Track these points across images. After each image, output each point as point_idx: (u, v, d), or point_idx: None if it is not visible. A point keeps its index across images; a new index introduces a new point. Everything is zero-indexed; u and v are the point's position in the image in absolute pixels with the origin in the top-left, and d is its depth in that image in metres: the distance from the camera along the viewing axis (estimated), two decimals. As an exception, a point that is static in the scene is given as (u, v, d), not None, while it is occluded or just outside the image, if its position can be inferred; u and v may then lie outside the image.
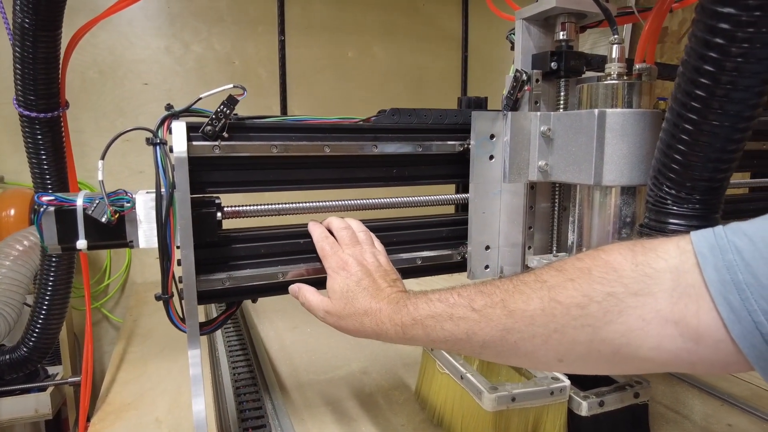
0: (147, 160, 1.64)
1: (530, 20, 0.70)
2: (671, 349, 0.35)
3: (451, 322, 0.45)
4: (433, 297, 0.48)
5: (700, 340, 0.34)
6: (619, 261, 0.37)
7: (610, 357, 0.38)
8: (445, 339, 0.46)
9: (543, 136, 0.67)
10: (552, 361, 0.41)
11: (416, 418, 0.75)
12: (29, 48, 0.71)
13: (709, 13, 0.40)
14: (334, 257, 0.59)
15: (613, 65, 0.60)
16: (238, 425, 0.74)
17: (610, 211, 0.61)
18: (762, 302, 0.31)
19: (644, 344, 0.36)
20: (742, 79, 0.40)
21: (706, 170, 0.47)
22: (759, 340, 0.31)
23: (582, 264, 0.39)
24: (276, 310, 1.23)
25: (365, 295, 0.54)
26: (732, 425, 0.73)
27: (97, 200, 0.52)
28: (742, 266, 0.32)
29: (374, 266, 0.59)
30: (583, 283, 0.38)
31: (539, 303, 0.40)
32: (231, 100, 0.55)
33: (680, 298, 0.34)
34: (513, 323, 0.41)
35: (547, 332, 0.39)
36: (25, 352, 0.95)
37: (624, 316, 0.36)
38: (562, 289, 0.39)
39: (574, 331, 0.38)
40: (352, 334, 0.55)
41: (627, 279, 0.36)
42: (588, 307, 0.37)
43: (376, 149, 0.65)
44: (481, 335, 0.43)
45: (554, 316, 0.39)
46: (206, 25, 1.67)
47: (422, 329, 0.47)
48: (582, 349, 0.39)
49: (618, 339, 0.37)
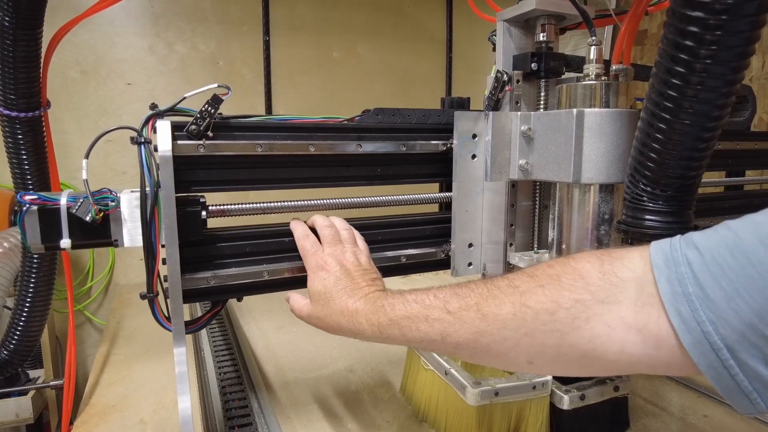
0: (130, 161, 1.64)
1: (511, 22, 0.71)
2: (634, 354, 0.37)
3: (426, 324, 0.46)
4: (409, 298, 0.49)
5: (659, 347, 0.35)
6: (587, 269, 0.39)
7: (577, 360, 0.40)
8: (421, 339, 0.47)
9: (524, 135, 0.68)
10: (523, 363, 0.43)
11: (401, 414, 0.76)
12: (9, 47, 0.71)
13: (680, 16, 0.41)
14: (314, 257, 0.60)
15: (591, 66, 0.62)
16: (224, 424, 0.74)
17: (588, 208, 0.62)
18: (709, 313, 0.32)
19: (609, 349, 0.38)
20: (710, 80, 0.42)
21: (679, 168, 0.48)
22: (707, 348, 0.33)
23: (552, 271, 0.41)
24: (261, 310, 1.23)
25: (342, 295, 0.55)
26: (708, 416, 0.75)
27: (81, 199, 0.52)
28: (692, 279, 0.34)
29: (354, 266, 0.59)
30: (552, 290, 0.40)
31: (511, 308, 0.41)
32: (216, 99, 0.55)
33: (643, 307, 0.36)
34: (486, 326, 0.42)
35: (517, 336, 0.41)
36: (5, 355, 0.94)
37: (591, 322, 0.38)
38: (532, 294, 0.41)
39: (543, 336, 0.40)
40: (331, 332, 0.56)
41: (594, 287, 0.38)
42: (557, 312, 0.39)
43: (360, 148, 0.66)
44: (455, 337, 0.44)
45: (525, 320, 0.40)
46: (190, 24, 1.66)
47: (398, 329, 0.48)
48: (551, 352, 0.40)
49: (585, 344, 0.38)
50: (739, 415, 0.75)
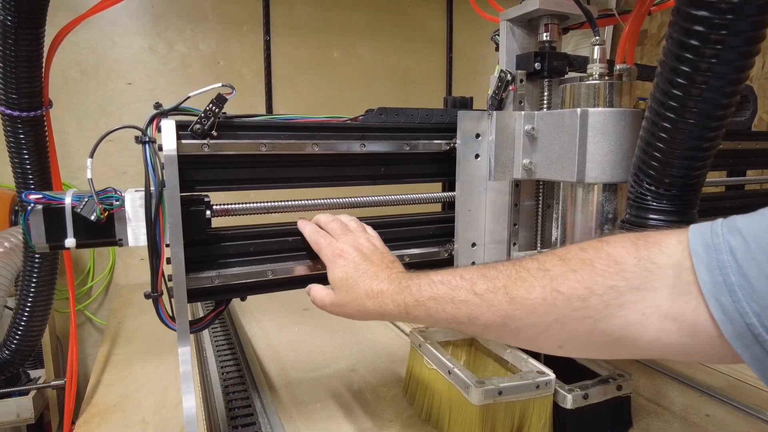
0: (130, 160, 1.64)
1: (514, 21, 0.71)
2: (669, 342, 0.36)
3: (453, 305, 0.45)
4: (435, 278, 0.48)
5: (696, 336, 0.34)
6: (621, 254, 0.37)
7: (609, 346, 0.39)
8: (448, 320, 0.46)
9: (527, 135, 0.68)
10: (552, 348, 0.42)
11: (404, 413, 0.76)
12: (11, 46, 0.71)
13: (685, 15, 0.41)
14: (329, 248, 0.59)
15: (594, 66, 0.62)
16: (228, 423, 0.74)
17: (592, 207, 0.62)
18: (753, 305, 0.31)
19: (643, 337, 0.36)
20: (715, 80, 0.42)
21: (683, 167, 0.48)
22: (752, 341, 0.31)
23: (585, 255, 0.39)
24: (263, 310, 1.23)
25: (365, 278, 0.54)
26: (710, 415, 0.75)
27: (86, 198, 0.52)
28: (735, 268, 0.32)
29: (370, 250, 0.59)
30: (585, 275, 0.38)
31: (541, 292, 0.40)
32: (220, 98, 0.55)
33: (680, 295, 0.35)
34: (514, 310, 0.41)
35: (547, 321, 0.40)
36: (6, 355, 0.93)
37: (624, 309, 0.37)
38: (564, 279, 0.39)
39: (574, 323, 0.39)
40: (355, 317, 0.55)
41: (629, 273, 0.37)
42: (589, 299, 0.38)
43: (364, 148, 0.66)
44: (482, 319, 0.43)
45: (555, 306, 0.39)
46: (190, 24, 1.66)
47: (424, 310, 0.47)
48: (582, 338, 0.39)
49: (617, 332, 0.37)
50: (741, 414, 0.75)
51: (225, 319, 1.18)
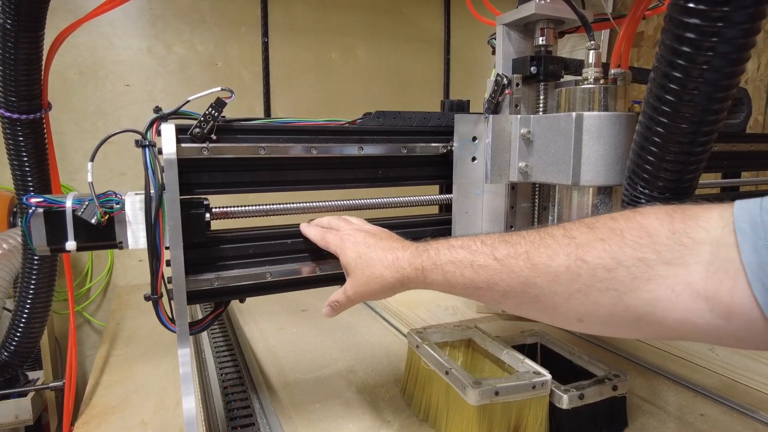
0: (128, 162, 1.64)
1: (510, 26, 0.72)
2: (699, 323, 0.34)
3: (472, 270, 0.44)
4: (455, 244, 0.47)
5: (731, 318, 0.32)
6: (654, 226, 0.35)
7: (632, 322, 0.37)
8: (465, 285, 0.45)
9: (523, 138, 0.69)
10: (572, 320, 0.40)
11: (402, 414, 0.76)
12: (11, 49, 0.71)
13: (677, 22, 0.42)
14: (336, 238, 0.60)
15: (589, 70, 0.62)
16: (227, 424, 0.74)
17: (587, 210, 0.63)
18: None
19: (670, 315, 0.34)
20: (707, 85, 0.43)
21: (676, 171, 0.49)
22: None
23: (615, 224, 0.37)
24: (262, 312, 1.23)
25: (378, 251, 0.54)
26: (704, 415, 0.76)
27: (87, 201, 0.52)
28: None
29: (377, 230, 0.60)
30: (613, 245, 0.36)
31: (565, 260, 0.38)
32: (219, 102, 0.56)
33: (716, 273, 0.32)
34: (535, 277, 0.40)
35: (570, 291, 0.38)
36: (5, 356, 0.94)
37: (652, 284, 0.35)
38: (590, 248, 0.37)
39: (597, 294, 0.37)
40: (377, 295, 0.54)
41: (661, 246, 0.35)
42: (615, 270, 0.36)
43: (362, 151, 0.67)
44: (502, 285, 0.42)
45: (579, 275, 0.37)
46: (188, 26, 1.66)
47: (442, 274, 0.47)
48: (604, 312, 0.37)
49: (643, 307, 0.35)
50: (736, 414, 0.76)
51: (223, 320, 1.18)
